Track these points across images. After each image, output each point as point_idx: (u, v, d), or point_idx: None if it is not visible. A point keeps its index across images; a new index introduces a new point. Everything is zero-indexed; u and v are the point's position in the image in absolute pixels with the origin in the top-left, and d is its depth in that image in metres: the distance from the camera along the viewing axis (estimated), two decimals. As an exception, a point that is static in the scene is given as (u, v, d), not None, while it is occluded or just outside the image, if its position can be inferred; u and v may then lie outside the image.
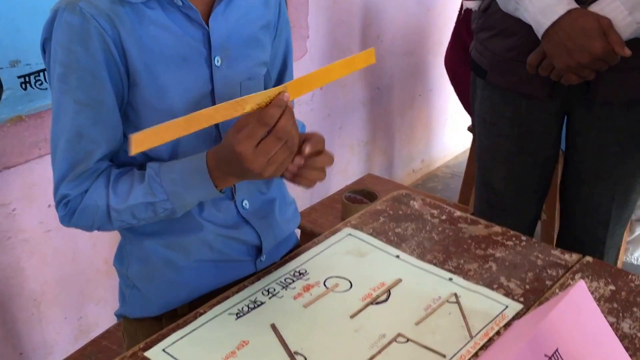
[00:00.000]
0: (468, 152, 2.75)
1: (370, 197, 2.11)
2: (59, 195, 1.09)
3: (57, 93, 1.05)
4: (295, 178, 1.10)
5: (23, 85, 1.61)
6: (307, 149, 1.04)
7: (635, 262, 2.68)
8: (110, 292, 2.10)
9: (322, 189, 2.76)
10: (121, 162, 1.14)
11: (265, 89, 1.28)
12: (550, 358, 0.92)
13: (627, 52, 1.40)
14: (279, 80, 1.30)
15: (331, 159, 1.10)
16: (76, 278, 2.01)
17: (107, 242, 2.04)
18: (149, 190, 1.07)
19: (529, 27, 1.52)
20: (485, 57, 1.70)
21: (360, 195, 2.13)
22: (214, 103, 1.12)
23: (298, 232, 1.47)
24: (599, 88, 1.56)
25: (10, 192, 1.74)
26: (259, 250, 1.24)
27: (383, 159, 3.16)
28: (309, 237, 1.34)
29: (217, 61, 1.11)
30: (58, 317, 2.00)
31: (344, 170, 2.91)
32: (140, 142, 0.90)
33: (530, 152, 1.73)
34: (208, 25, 1.09)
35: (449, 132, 3.50)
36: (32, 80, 1.61)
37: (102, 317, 2.08)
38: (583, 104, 1.63)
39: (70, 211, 1.10)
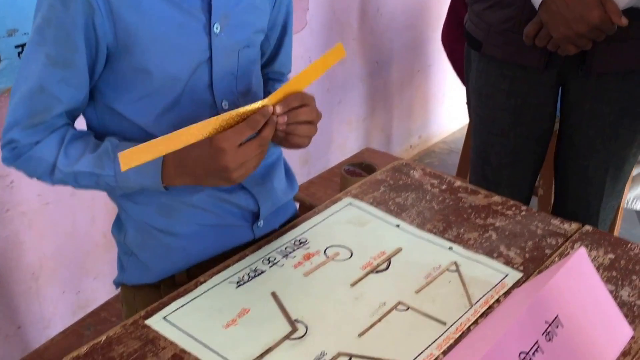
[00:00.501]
0: (466, 128, 2.74)
1: (369, 170, 2.10)
2: (8, 137, 1.09)
3: (31, 41, 1.05)
4: (287, 137, 1.09)
5: (20, 55, 1.59)
6: (278, 109, 1.04)
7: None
8: (108, 267, 2.10)
9: (320, 162, 2.76)
10: (110, 131, 1.13)
11: (262, 56, 1.27)
12: (550, 324, 0.92)
13: (624, 21, 1.41)
14: (278, 48, 1.29)
15: (318, 113, 1.10)
16: (74, 252, 2.01)
17: (106, 216, 2.03)
18: (99, 162, 1.08)
19: None
20: (480, 28, 1.69)
21: (359, 169, 2.12)
22: (211, 71, 1.12)
23: (297, 205, 1.46)
24: (594, 59, 1.56)
25: (8, 164, 1.73)
26: (255, 216, 1.24)
27: (381, 134, 3.15)
28: (308, 210, 1.34)
29: (217, 28, 1.10)
30: (56, 291, 2.00)
31: (342, 146, 2.90)
32: (127, 159, 0.93)
33: (526, 125, 1.73)
34: None
35: (447, 108, 3.48)
36: (25, 49, 1.60)
37: (101, 291, 2.08)
38: (578, 75, 1.63)
39: (16, 156, 1.10)
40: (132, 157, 0.93)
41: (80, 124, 1.16)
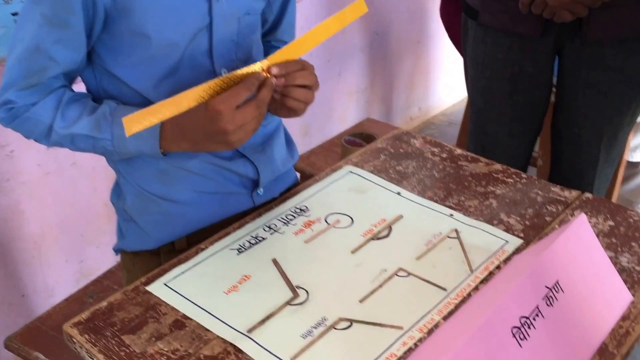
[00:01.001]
0: (465, 100, 2.73)
1: (370, 140, 2.10)
2: (4, 98, 1.08)
3: (27, 2, 1.05)
4: (282, 100, 1.08)
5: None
6: (275, 70, 1.03)
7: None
8: (110, 236, 2.09)
9: (320, 133, 2.75)
10: (109, 95, 1.13)
11: (264, 24, 1.26)
12: (550, 289, 0.93)
13: None
14: (280, 16, 1.28)
15: (316, 80, 1.09)
16: (76, 221, 2.02)
17: (107, 185, 2.01)
18: (97, 125, 1.07)
19: None
20: None
21: (359, 139, 2.12)
22: (211, 37, 1.11)
23: (298, 175, 1.46)
24: (590, 26, 1.56)
25: (8, 133, 1.71)
26: (255, 184, 1.24)
27: (381, 106, 3.14)
28: (309, 179, 1.34)
29: None
30: (59, 260, 2.02)
31: (343, 117, 2.89)
32: (132, 123, 0.92)
33: (523, 93, 1.73)
34: None
35: (447, 80, 3.47)
36: (21, 9, 1.59)
37: (104, 260, 2.09)
38: (574, 43, 1.63)
39: (12, 117, 1.10)
40: (136, 121, 0.93)
41: (80, 89, 1.16)
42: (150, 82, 1.10)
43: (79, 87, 1.15)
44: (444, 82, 3.47)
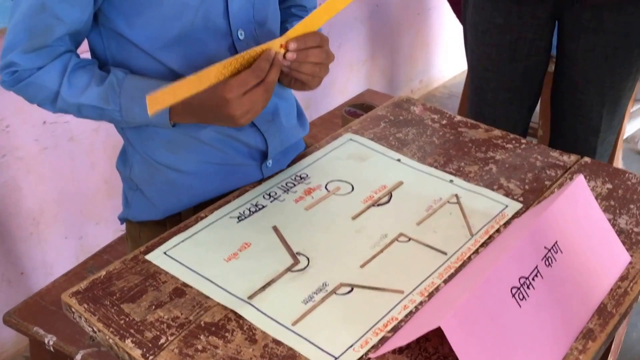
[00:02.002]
0: (466, 72, 2.71)
1: (370, 110, 2.09)
2: (8, 60, 1.05)
3: None
4: (291, 73, 1.08)
5: (12, -5, 1.56)
6: (293, 45, 1.03)
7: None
8: (111, 212, 2.10)
9: (321, 105, 2.74)
10: (117, 59, 1.11)
11: None
12: (549, 250, 0.93)
13: None
14: None
15: (329, 55, 1.09)
16: (75, 197, 2.01)
17: (106, 161, 2.03)
18: (104, 96, 1.06)
19: None
20: None
21: (360, 110, 2.11)
22: (226, 2, 1.09)
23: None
24: None
25: (3, 108, 1.72)
26: (264, 155, 1.22)
27: (382, 78, 3.12)
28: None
29: None
30: (58, 236, 2.01)
31: (343, 89, 2.87)
32: (154, 102, 0.92)
33: (522, 59, 1.73)
34: None
35: (448, 52, 3.45)
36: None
37: (104, 237, 2.08)
38: (573, 8, 1.63)
39: (16, 80, 1.07)
40: (159, 99, 0.92)
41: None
42: (162, 43, 1.08)
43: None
44: (444, 54, 3.44)
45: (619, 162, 2.40)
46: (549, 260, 0.92)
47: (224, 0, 1.09)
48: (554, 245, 0.93)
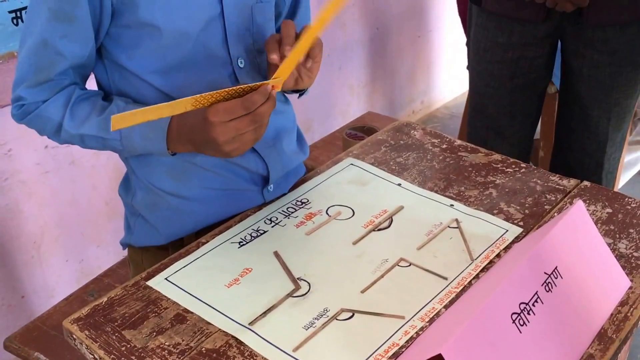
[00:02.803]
0: (467, 93, 2.73)
1: (371, 133, 2.09)
2: (17, 95, 1.09)
3: None
4: (299, 76, 1.09)
5: (14, 21, 1.58)
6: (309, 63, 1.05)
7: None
8: (112, 235, 2.10)
9: (322, 127, 2.75)
10: (122, 89, 1.12)
11: (280, 17, 1.24)
12: (549, 275, 0.93)
13: None
14: (295, 6, 1.26)
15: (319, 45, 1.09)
16: (76, 220, 2.01)
17: (107, 184, 2.03)
18: (105, 126, 1.07)
19: None
20: None
21: (361, 132, 2.11)
22: (224, 26, 1.10)
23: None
24: (590, 12, 1.58)
25: (6, 132, 1.73)
26: (265, 180, 1.23)
27: (383, 100, 3.13)
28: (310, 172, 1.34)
29: None
30: (59, 259, 2.01)
31: (345, 111, 2.89)
32: (119, 121, 0.91)
33: (523, 76, 1.76)
34: None
35: (449, 73, 3.47)
36: (24, 15, 1.59)
37: (105, 259, 2.08)
38: (576, 28, 1.65)
39: (24, 113, 1.10)
40: (124, 119, 0.92)
41: (92, 86, 1.16)
42: (163, 73, 1.09)
43: (91, 85, 1.15)
44: (445, 75, 3.46)
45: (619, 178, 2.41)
46: (549, 285, 0.92)
47: (222, 29, 1.10)
48: (553, 270, 0.93)
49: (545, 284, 0.91)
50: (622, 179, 2.66)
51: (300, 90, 1.22)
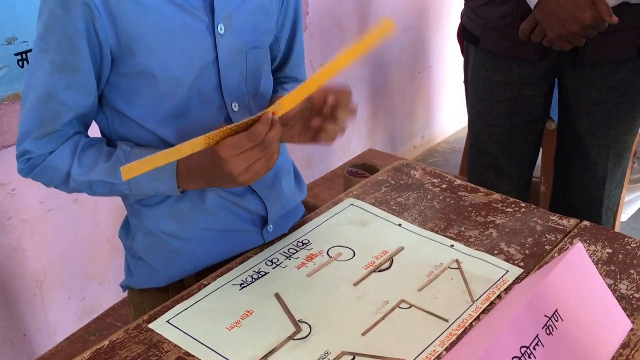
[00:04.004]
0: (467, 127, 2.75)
1: (372, 171, 2.11)
2: (22, 149, 1.09)
3: (35, 50, 1.06)
4: (316, 134, 1.09)
5: (20, 63, 1.60)
6: (330, 99, 1.04)
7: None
8: (114, 272, 2.10)
9: (323, 165, 2.76)
10: (122, 135, 1.14)
11: (274, 61, 1.26)
12: (550, 318, 0.93)
13: (615, 19, 1.46)
14: (289, 52, 1.28)
15: (353, 111, 1.09)
16: (79, 258, 2.02)
17: (110, 221, 2.04)
18: (113, 171, 1.08)
19: None
20: (477, 24, 1.73)
21: (361, 170, 2.12)
22: (218, 72, 1.12)
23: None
24: (586, 51, 1.60)
25: (10, 172, 1.73)
26: (264, 221, 1.24)
27: (384, 135, 3.15)
28: (312, 211, 1.35)
29: (221, 29, 1.09)
30: (61, 297, 2.01)
31: (346, 147, 2.90)
32: (128, 171, 0.93)
33: (521, 115, 1.77)
34: None
35: (449, 108, 3.49)
36: (29, 58, 1.61)
37: (106, 297, 2.08)
38: (573, 66, 1.67)
39: (31, 167, 1.11)
40: (133, 169, 0.94)
41: (94, 131, 1.17)
42: (161, 120, 1.11)
43: (93, 130, 1.17)
44: (445, 110, 3.49)
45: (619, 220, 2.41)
46: (550, 328, 0.92)
47: (216, 75, 1.12)
48: (554, 313, 0.94)
49: (545, 326, 0.91)
50: (624, 216, 2.67)
51: None
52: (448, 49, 3.26)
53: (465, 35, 1.81)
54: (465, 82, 1.93)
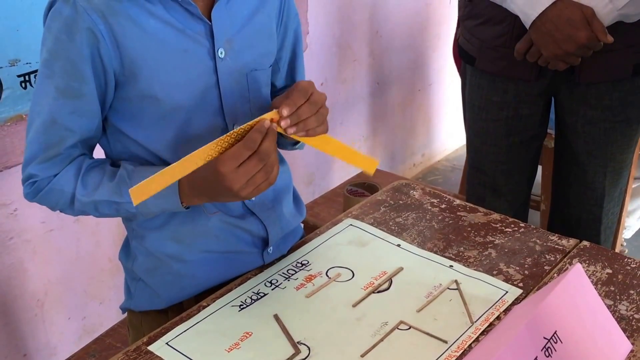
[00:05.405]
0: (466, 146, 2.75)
1: (372, 190, 2.11)
2: (27, 173, 1.10)
3: (40, 76, 1.07)
4: (299, 133, 1.07)
5: (23, 84, 1.61)
6: (285, 111, 1.03)
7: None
8: (114, 292, 2.10)
9: (324, 183, 2.76)
10: (125, 157, 1.14)
11: (273, 82, 1.27)
12: (549, 340, 0.93)
13: (610, 38, 1.47)
14: (291, 74, 1.29)
15: (320, 98, 1.07)
16: (80, 278, 2.02)
17: (111, 240, 2.04)
18: (117, 190, 1.09)
19: (515, 15, 1.57)
20: (473, 44, 1.74)
21: (361, 189, 2.13)
22: (220, 95, 1.13)
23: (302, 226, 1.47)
24: (582, 70, 1.61)
25: (12, 192, 1.74)
26: (265, 242, 1.24)
27: (384, 153, 3.16)
28: (311, 230, 1.35)
29: (221, 53, 1.11)
30: (62, 317, 2.01)
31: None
32: (138, 194, 0.95)
33: (518, 134, 1.78)
34: (210, 18, 1.10)
35: (449, 126, 3.50)
36: (32, 79, 1.62)
37: (107, 316, 2.08)
38: (569, 85, 1.68)
39: (36, 190, 1.11)
40: (142, 190, 0.95)
41: (98, 153, 1.18)
42: (164, 142, 1.12)
43: (97, 152, 1.17)
44: (445, 128, 3.50)
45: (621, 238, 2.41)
46: (549, 350, 0.92)
47: (218, 98, 1.13)
48: (553, 335, 0.94)
49: (545, 349, 0.91)
50: (627, 233, 2.66)
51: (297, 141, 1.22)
52: (448, 67, 3.27)
53: (461, 55, 1.82)
54: (462, 102, 1.94)
